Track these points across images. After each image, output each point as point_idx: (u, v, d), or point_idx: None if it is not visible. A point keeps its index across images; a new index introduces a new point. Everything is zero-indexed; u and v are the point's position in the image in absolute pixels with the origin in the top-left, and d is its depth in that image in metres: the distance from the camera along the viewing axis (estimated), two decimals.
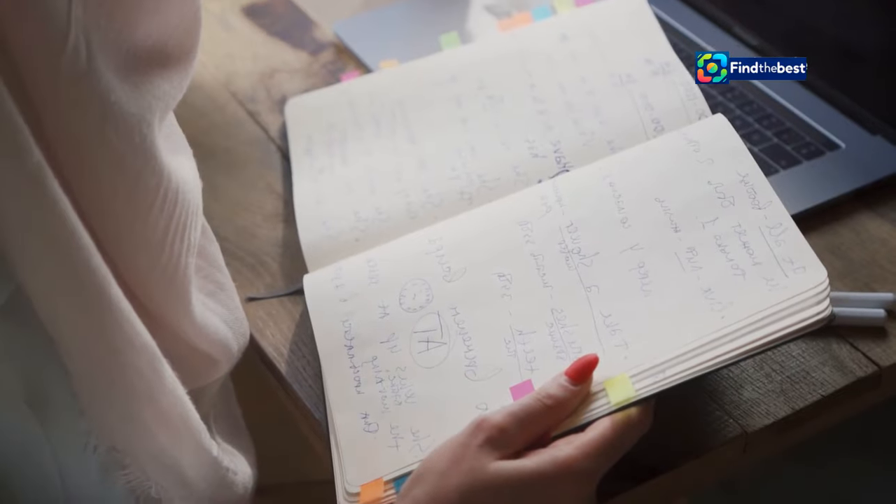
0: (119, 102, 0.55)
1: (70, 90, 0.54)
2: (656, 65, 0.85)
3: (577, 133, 0.83)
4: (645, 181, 0.75)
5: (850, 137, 0.92)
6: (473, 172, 0.84)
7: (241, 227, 0.89)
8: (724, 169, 0.74)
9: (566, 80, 0.88)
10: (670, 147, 0.77)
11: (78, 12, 0.53)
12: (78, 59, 0.53)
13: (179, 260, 0.62)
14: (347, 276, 0.78)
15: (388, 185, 0.85)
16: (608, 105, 0.84)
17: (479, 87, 0.90)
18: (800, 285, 0.67)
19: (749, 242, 0.70)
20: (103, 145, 0.56)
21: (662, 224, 0.73)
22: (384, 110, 0.91)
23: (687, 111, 0.81)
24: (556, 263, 0.73)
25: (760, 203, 0.72)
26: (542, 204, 0.77)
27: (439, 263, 0.76)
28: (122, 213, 0.58)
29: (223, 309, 0.71)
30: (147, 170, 0.58)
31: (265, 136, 0.97)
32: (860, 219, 0.87)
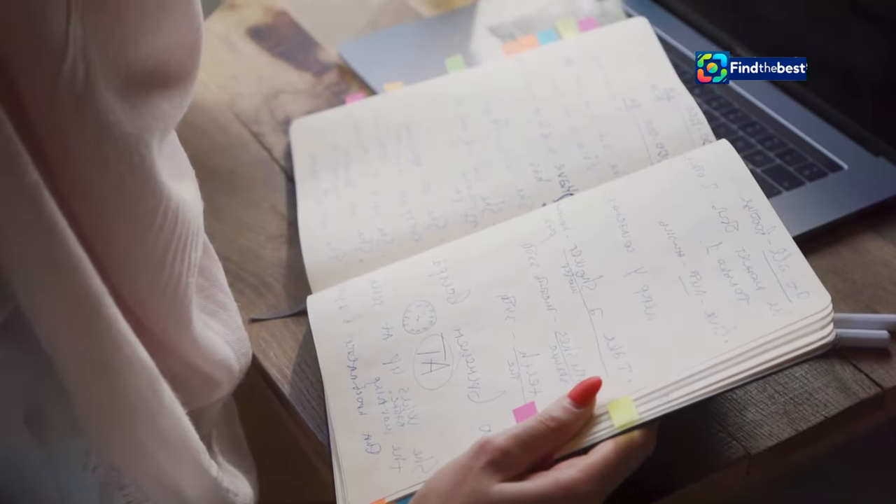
0: (118, 122, 0.55)
1: (68, 109, 0.53)
2: (661, 90, 0.85)
3: (582, 157, 0.84)
4: (649, 205, 0.76)
5: (853, 159, 0.92)
6: (478, 195, 0.84)
7: (245, 247, 0.89)
8: (728, 194, 0.74)
9: (571, 105, 0.88)
10: (674, 171, 0.77)
11: (76, 31, 0.52)
12: (76, 79, 0.53)
13: (180, 280, 0.62)
14: (351, 297, 0.78)
15: (392, 206, 0.85)
16: (612, 129, 0.85)
17: (485, 110, 0.90)
18: (803, 310, 0.67)
19: (753, 267, 0.70)
20: (102, 165, 0.55)
21: (666, 248, 0.73)
22: (389, 133, 0.91)
23: (691, 136, 0.81)
24: (560, 286, 0.73)
25: (764, 228, 0.72)
26: (546, 227, 0.77)
27: (443, 285, 0.76)
28: (122, 233, 0.58)
29: (225, 329, 0.71)
30: (146, 190, 0.58)
31: (269, 157, 0.97)
32: (863, 240, 0.87)
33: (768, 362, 0.66)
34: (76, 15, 0.52)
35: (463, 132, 0.90)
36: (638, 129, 0.84)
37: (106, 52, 0.54)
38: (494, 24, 1.10)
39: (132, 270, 0.60)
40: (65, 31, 0.52)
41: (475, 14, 1.12)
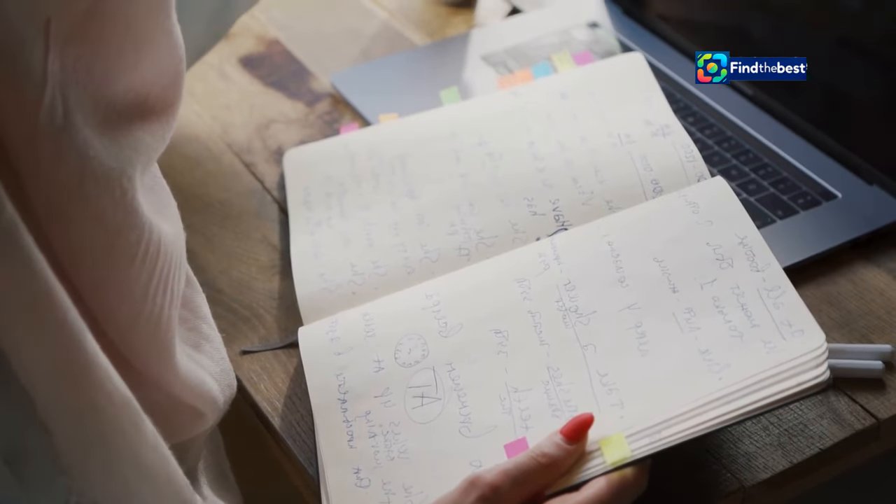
0: (98, 157, 0.55)
1: (47, 146, 0.53)
2: (656, 126, 0.85)
3: (577, 192, 0.83)
4: (643, 241, 0.75)
5: (847, 187, 0.92)
6: (472, 228, 0.84)
7: (236, 278, 0.88)
8: (722, 231, 0.74)
9: (566, 139, 0.88)
10: (669, 208, 0.77)
11: (55, 67, 0.52)
12: (55, 115, 0.52)
13: (162, 312, 0.61)
14: (343, 329, 0.77)
15: (385, 238, 0.85)
16: (607, 164, 0.84)
17: (479, 143, 0.90)
18: (798, 348, 0.67)
19: (747, 304, 0.70)
20: (82, 200, 0.55)
21: (660, 284, 0.73)
22: (383, 164, 0.91)
23: (686, 172, 0.81)
24: (553, 321, 0.73)
25: (759, 265, 0.72)
26: (540, 261, 0.77)
27: (436, 318, 0.76)
28: (103, 267, 0.58)
29: (209, 361, 0.70)
30: (127, 223, 0.57)
31: (261, 187, 0.97)
32: (857, 269, 0.86)
33: (762, 401, 0.65)
34: (55, 51, 0.52)
35: (457, 165, 0.89)
36: (633, 165, 0.83)
37: (86, 88, 0.54)
38: (487, 52, 1.10)
39: (114, 304, 0.59)
40: (43, 67, 0.51)
41: (468, 43, 1.12)
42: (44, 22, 0.51)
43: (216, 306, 0.85)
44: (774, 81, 0.99)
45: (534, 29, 1.13)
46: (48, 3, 0.51)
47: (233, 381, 0.73)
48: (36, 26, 0.51)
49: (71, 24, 0.52)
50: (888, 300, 0.84)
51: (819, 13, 0.95)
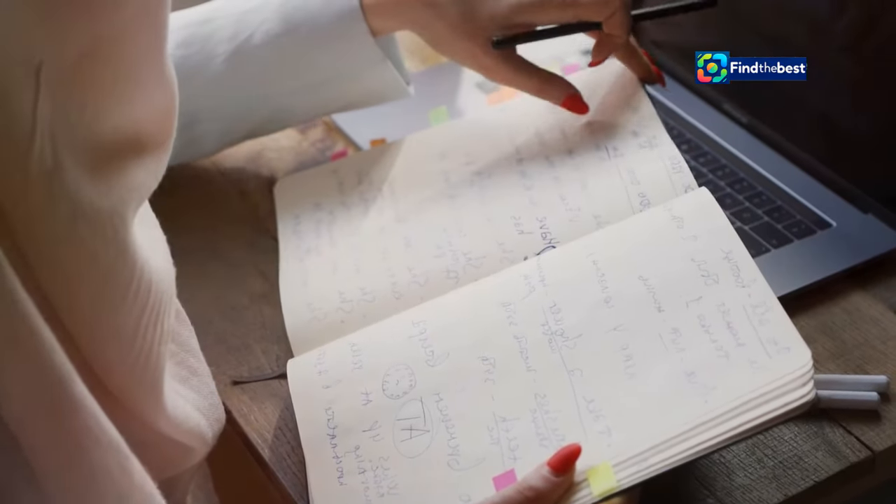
0: (90, 199, 0.54)
1: (38, 189, 0.52)
2: (643, 138, 0.84)
3: (564, 209, 0.83)
4: (629, 259, 0.75)
5: (842, 216, 0.91)
6: (459, 250, 0.83)
7: (227, 308, 0.88)
8: (708, 246, 0.73)
9: (554, 154, 0.87)
10: (654, 223, 0.77)
11: (44, 110, 0.51)
12: (44, 159, 0.52)
13: (151, 350, 0.61)
14: (331, 361, 0.77)
15: (373, 264, 0.84)
16: (594, 180, 0.84)
17: (467, 162, 0.90)
18: (784, 367, 0.66)
19: (733, 322, 0.69)
20: (74, 242, 0.54)
21: (646, 303, 0.72)
22: (372, 189, 0.91)
23: (673, 184, 0.80)
24: (540, 346, 0.72)
25: (744, 281, 0.71)
26: (525, 283, 0.76)
27: (422, 347, 0.75)
28: (93, 306, 0.57)
29: (196, 395, 0.70)
30: (119, 263, 0.57)
31: (253, 215, 0.96)
32: (852, 298, 0.86)
33: (749, 423, 0.65)
34: (45, 94, 0.51)
35: (445, 186, 0.89)
36: (620, 178, 0.83)
37: (76, 129, 0.53)
38: (481, 79, 1.09)
39: (104, 342, 0.59)
40: (32, 110, 0.51)
41: (462, 69, 1.11)
42: (35, 66, 0.51)
43: (207, 335, 0.84)
44: (770, 110, 0.99)
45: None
46: (41, 48, 0.51)
47: (221, 415, 0.73)
48: (27, 70, 0.50)
49: (63, 68, 0.52)
50: (883, 330, 0.83)
51: (813, 42, 0.95)
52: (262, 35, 0.91)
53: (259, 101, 0.93)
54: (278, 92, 0.93)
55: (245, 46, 0.91)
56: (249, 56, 0.91)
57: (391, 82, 0.94)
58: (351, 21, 0.90)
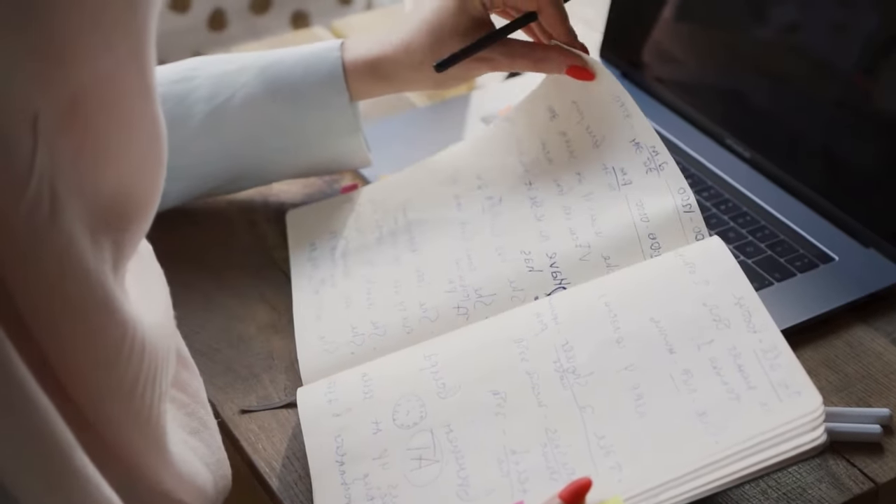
0: (80, 256, 0.53)
1: (28, 244, 0.52)
2: (646, 153, 0.84)
3: (574, 245, 0.83)
4: (641, 301, 0.76)
5: (844, 250, 0.92)
6: (470, 286, 0.84)
7: (235, 337, 0.88)
8: (719, 291, 0.74)
9: (562, 178, 0.88)
10: (666, 268, 0.78)
11: (43, 161, 0.51)
12: (39, 212, 0.51)
13: (151, 408, 0.60)
14: (341, 390, 0.77)
15: (385, 297, 0.85)
16: (604, 212, 0.84)
17: (479, 185, 0.91)
18: (794, 411, 0.67)
19: (744, 366, 0.70)
20: (63, 298, 0.54)
21: (658, 345, 0.73)
22: (387, 216, 0.92)
23: (683, 226, 0.81)
24: (551, 382, 0.73)
25: (756, 326, 0.72)
26: (537, 322, 0.77)
27: (434, 380, 0.76)
28: (87, 364, 0.56)
29: (206, 449, 0.69)
30: (110, 322, 0.56)
31: (261, 245, 0.97)
32: (855, 332, 0.87)
33: (759, 463, 0.65)
34: (42, 143, 0.51)
35: (458, 212, 0.90)
36: (630, 215, 0.83)
37: (71, 181, 0.53)
38: (487, 114, 1.11)
39: (101, 400, 0.58)
40: (30, 162, 0.50)
41: (468, 104, 1.13)
42: (32, 116, 0.50)
43: (215, 365, 0.85)
44: (772, 145, 1.00)
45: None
46: (35, 98, 0.50)
47: (227, 472, 0.71)
48: (24, 121, 0.50)
49: (58, 116, 0.51)
50: (886, 364, 0.84)
51: (816, 78, 0.97)
52: (242, 98, 0.91)
53: (226, 162, 0.94)
54: (248, 155, 0.94)
55: (223, 108, 0.91)
56: (227, 118, 0.91)
57: (358, 151, 0.95)
58: (333, 88, 0.91)
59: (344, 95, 0.91)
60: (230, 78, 0.92)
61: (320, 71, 0.91)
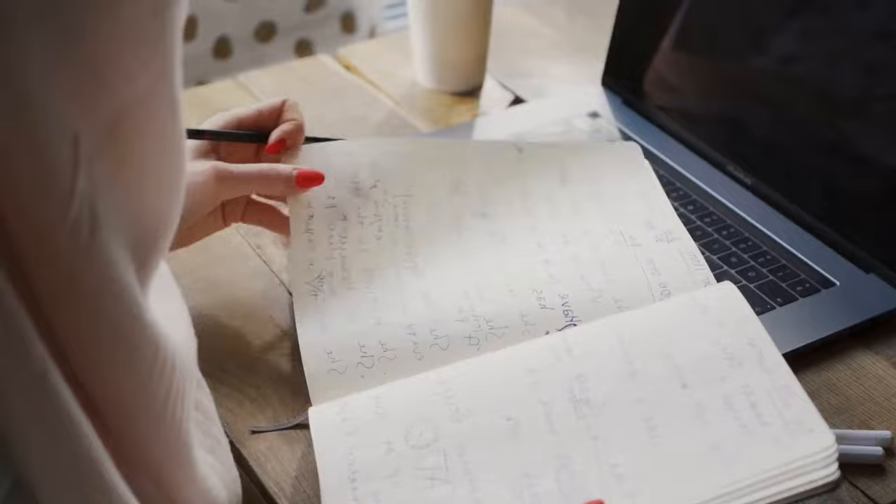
0: (118, 274, 0.54)
1: (70, 261, 0.52)
2: (659, 231, 0.87)
3: (585, 288, 0.85)
4: (654, 338, 0.77)
5: (845, 275, 0.94)
6: (481, 317, 0.85)
7: (244, 359, 0.89)
8: (732, 332, 0.76)
9: (569, 231, 0.90)
10: (680, 308, 0.79)
11: (83, 184, 0.52)
12: (79, 234, 0.52)
13: (181, 424, 0.61)
14: (354, 410, 0.78)
15: (393, 318, 0.86)
16: (614, 264, 0.87)
17: (482, 213, 0.92)
18: (807, 448, 0.69)
19: (757, 403, 0.72)
20: (101, 319, 0.55)
21: (671, 379, 0.74)
22: (387, 206, 0.92)
23: (693, 278, 0.84)
24: (565, 412, 0.74)
25: (768, 366, 0.73)
26: (551, 353, 0.78)
27: (447, 404, 0.76)
28: (122, 383, 0.57)
29: (221, 466, 0.70)
30: (144, 339, 0.57)
31: (268, 269, 0.98)
32: (856, 356, 0.88)
33: (773, 496, 0.67)
34: (83, 167, 0.52)
35: (459, 240, 0.91)
36: (640, 267, 0.86)
37: (108, 202, 0.54)
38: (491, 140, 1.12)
39: (134, 419, 0.59)
40: (72, 182, 0.51)
41: (472, 131, 1.14)
42: (73, 140, 0.51)
43: (224, 386, 0.86)
44: (773, 171, 1.01)
45: (536, 118, 1.15)
46: (76, 120, 0.51)
47: (239, 490, 0.72)
48: (67, 145, 0.51)
49: (98, 139, 0.52)
50: (887, 387, 0.85)
51: (816, 106, 0.98)
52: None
53: None
54: None
55: None
56: None
57: None
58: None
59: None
60: None
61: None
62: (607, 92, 1.19)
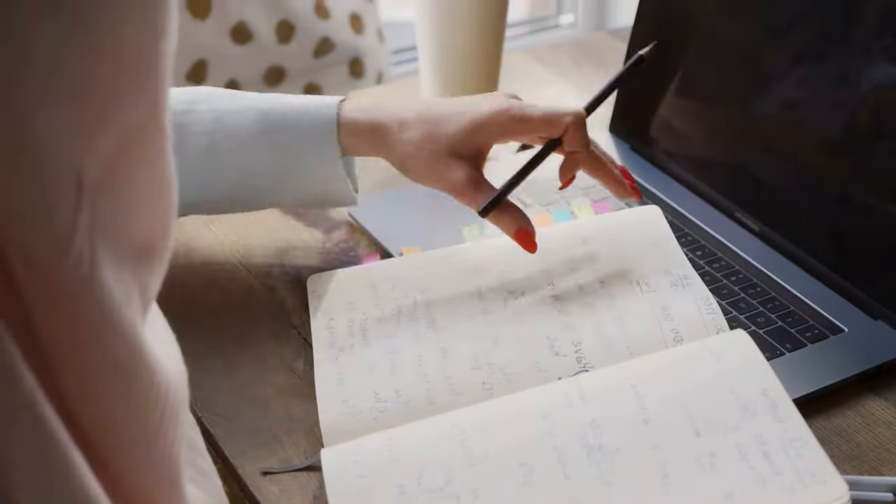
0: (117, 305, 0.54)
1: (68, 297, 0.52)
2: (675, 276, 0.88)
3: (598, 336, 0.86)
4: (667, 385, 0.78)
5: (853, 321, 0.94)
6: (495, 364, 0.86)
7: (255, 400, 0.89)
8: (745, 381, 0.77)
9: (585, 282, 0.91)
10: (692, 355, 0.80)
11: (84, 218, 0.52)
12: (81, 266, 0.52)
13: (172, 452, 0.61)
14: (367, 453, 0.78)
15: (409, 368, 0.87)
16: (627, 311, 0.88)
17: (501, 283, 0.94)
18: (820, 497, 0.69)
19: (770, 453, 0.72)
20: (100, 349, 0.55)
21: (684, 427, 0.75)
22: (407, 297, 0.94)
23: (706, 324, 0.85)
24: (578, 458, 0.75)
25: (781, 417, 0.74)
26: (565, 399, 0.79)
27: (461, 447, 0.77)
28: (117, 412, 0.57)
29: (205, 496, 0.70)
30: (141, 368, 0.57)
31: (280, 310, 0.99)
32: (865, 402, 0.88)
33: None
34: (86, 201, 0.52)
35: (479, 301, 0.92)
36: (652, 314, 0.86)
37: (109, 236, 0.54)
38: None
39: (125, 448, 0.59)
40: (73, 220, 0.51)
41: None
42: (76, 175, 0.51)
43: (235, 427, 0.86)
44: (780, 218, 1.02)
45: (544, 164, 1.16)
46: (80, 156, 0.51)
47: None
48: (70, 180, 0.51)
49: (98, 172, 0.52)
50: None
51: (822, 152, 0.99)
52: (239, 137, 0.95)
53: (217, 190, 0.97)
54: (238, 187, 0.98)
55: (220, 144, 0.95)
56: (222, 153, 0.95)
57: (346, 194, 0.99)
58: (324, 142, 0.95)
59: (335, 149, 0.96)
60: (230, 117, 0.96)
61: (315, 123, 0.96)
62: (615, 139, 1.20)
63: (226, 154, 0.95)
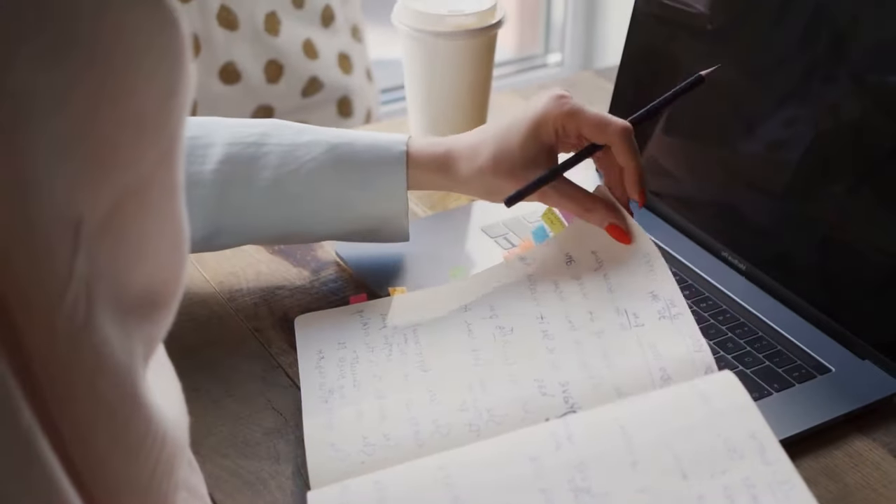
0: (113, 353, 0.55)
1: (64, 343, 0.53)
2: (661, 303, 0.88)
3: (586, 376, 0.86)
4: (655, 428, 0.77)
5: (840, 361, 0.94)
6: (483, 407, 0.86)
7: (241, 443, 0.89)
8: (733, 424, 0.76)
9: (574, 315, 0.91)
10: (680, 397, 0.80)
11: (81, 266, 0.52)
12: (76, 313, 0.52)
13: (167, 499, 0.61)
14: (354, 495, 0.78)
15: (397, 412, 0.86)
16: (616, 350, 0.87)
17: (490, 316, 0.93)
18: None
19: (758, 496, 0.72)
20: (94, 395, 0.55)
21: (672, 470, 0.74)
22: (397, 334, 0.94)
23: (693, 363, 0.84)
24: (565, 501, 0.74)
25: (769, 459, 0.74)
26: (552, 441, 0.78)
27: (447, 490, 0.76)
28: (110, 458, 0.58)
29: None
30: (136, 416, 0.57)
31: (266, 352, 0.98)
32: (853, 442, 0.88)
33: None
34: (84, 248, 0.52)
35: (469, 338, 0.92)
36: (641, 352, 0.86)
37: (106, 283, 0.54)
38: (487, 224, 1.14)
39: (119, 493, 0.59)
40: (70, 266, 0.52)
41: (469, 215, 1.15)
42: (76, 222, 0.51)
43: (222, 470, 0.86)
44: (767, 258, 1.03)
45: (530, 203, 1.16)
46: (79, 205, 0.51)
47: None
48: (68, 227, 0.51)
49: (99, 221, 0.53)
50: (884, 474, 0.85)
51: (808, 193, 0.99)
52: (308, 171, 0.97)
53: (281, 223, 0.98)
54: (302, 221, 0.98)
55: (289, 177, 0.96)
56: (290, 187, 0.96)
57: (401, 230, 1.00)
58: (394, 177, 0.97)
59: (403, 184, 0.97)
60: (300, 150, 0.97)
61: (386, 159, 0.97)
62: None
63: (292, 188, 0.96)
